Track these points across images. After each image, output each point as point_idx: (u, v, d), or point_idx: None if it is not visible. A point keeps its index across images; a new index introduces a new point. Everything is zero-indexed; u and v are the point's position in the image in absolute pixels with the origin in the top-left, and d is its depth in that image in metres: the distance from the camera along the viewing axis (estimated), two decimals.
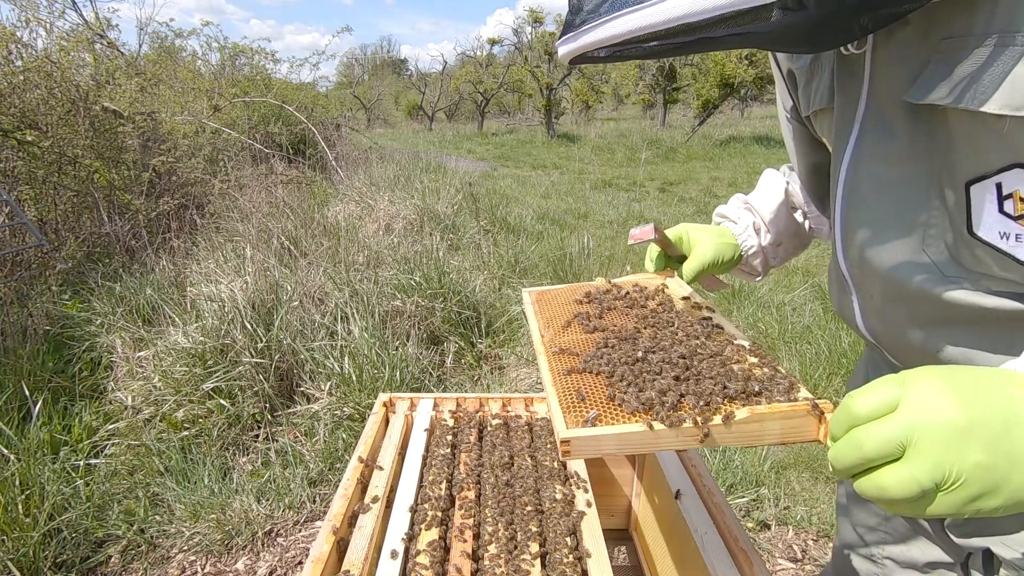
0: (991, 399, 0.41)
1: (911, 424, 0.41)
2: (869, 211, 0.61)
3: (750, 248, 0.91)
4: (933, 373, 0.43)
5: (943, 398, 0.41)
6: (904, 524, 0.75)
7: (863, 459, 0.43)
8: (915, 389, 0.43)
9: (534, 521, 0.79)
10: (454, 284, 3.39)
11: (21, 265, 3.69)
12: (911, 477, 0.41)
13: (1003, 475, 0.40)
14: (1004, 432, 0.40)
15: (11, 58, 4.11)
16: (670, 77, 17.11)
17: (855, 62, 0.60)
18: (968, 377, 0.43)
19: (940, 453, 0.40)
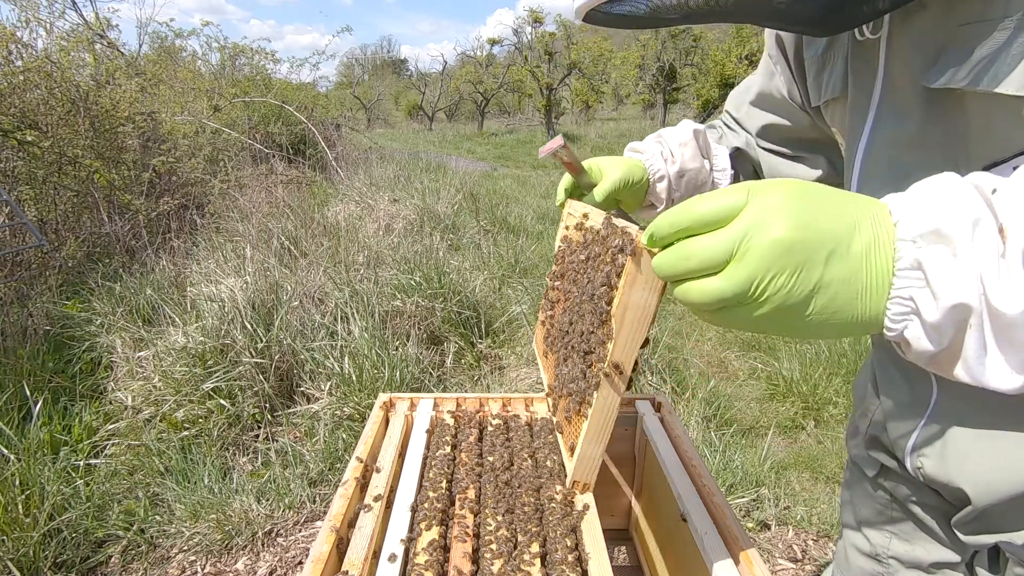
0: (829, 225, 0.40)
1: (742, 237, 0.40)
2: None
3: (657, 171, 0.93)
4: (781, 187, 0.42)
5: (779, 215, 0.40)
6: (909, 524, 0.75)
7: (688, 271, 0.43)
8: (757, 201, 0.41)
9: (534, 521, 0.79)
10: (454, 284, 3.39)
11: (21, 265, 3.69)
12: (718, 290, 0.41)
13: (803, 300, 0.40)
14: (823, 260, 0.39)
15: (11, 58, 4.11)
16: (670, 77, 17.11)
17: (870, 48, 0.60)
18: (817, 197, 0.42)
19: (756, 270, 0.40)
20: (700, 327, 3.85)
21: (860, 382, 0.84)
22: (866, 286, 0.40)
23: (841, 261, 0.40)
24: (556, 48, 17.74)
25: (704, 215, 0.42)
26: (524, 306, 3.45)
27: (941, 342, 0.38)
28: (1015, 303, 0.34)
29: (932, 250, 0.37)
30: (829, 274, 0.40)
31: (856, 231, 0.40)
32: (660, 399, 1.07)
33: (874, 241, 0.40)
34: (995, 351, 0.36)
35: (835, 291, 0.40)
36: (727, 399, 2.89)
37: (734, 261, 0.41)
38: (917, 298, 0.38)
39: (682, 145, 0.94)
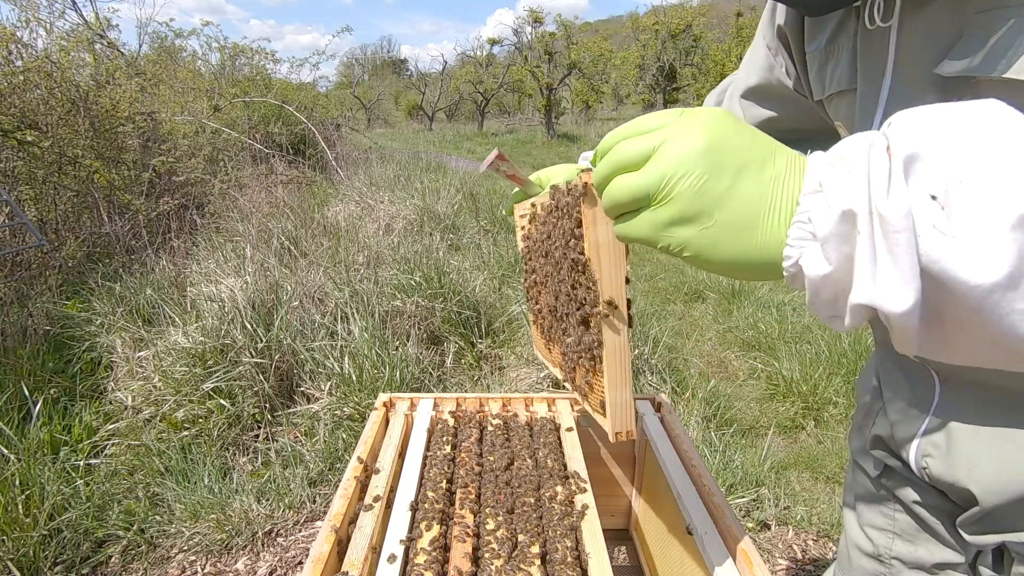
0: (745, 144, 0.42)
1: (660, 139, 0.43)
2: None
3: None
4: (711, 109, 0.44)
5: (701, 126, 0.42)
6: (912, 523, 0.75)
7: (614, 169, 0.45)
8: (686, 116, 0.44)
9: (534, 521, 0.79)
10: (454, 284, 3.39)
11: (21, 265, 3.69)
12: (633, 183, 0.43)
13: (708, 206, 0.41)
14: (734, 171, 0.41)
15: (11, 58, 4.11)
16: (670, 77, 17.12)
17: (879, 38, 0.59)
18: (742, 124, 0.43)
19: (667, 167, 0.41)
20: (700, 327, 3.85)
21: (862, 381, 0.84)
22: (772, 209, 0.41)
23: (752, 179, 0.41)
24: (556, 48, 17.75)
25: (640, 125, 0.45)
26: (524, 306, 3.45)
27: (832, 259, 0.38)
28: (897, 209, 0.34)
29: (833, 170, 0.39)
30: (737, 187, 0.41)
31: (772, 157, 0.42)
32: (660, 399, 1.07)
33: (787, 170, 0.41)
34: (885, 261, 0.36)
35: (740, 207, 0.41)
36: (727, 399, 2.90)
37: (652, 159, 0.43)
38: (815, 215, 0.39)
39: None
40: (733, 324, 3.80)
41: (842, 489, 0.94)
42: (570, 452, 0.94)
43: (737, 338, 3.66)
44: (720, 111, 0.44)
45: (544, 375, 2.87)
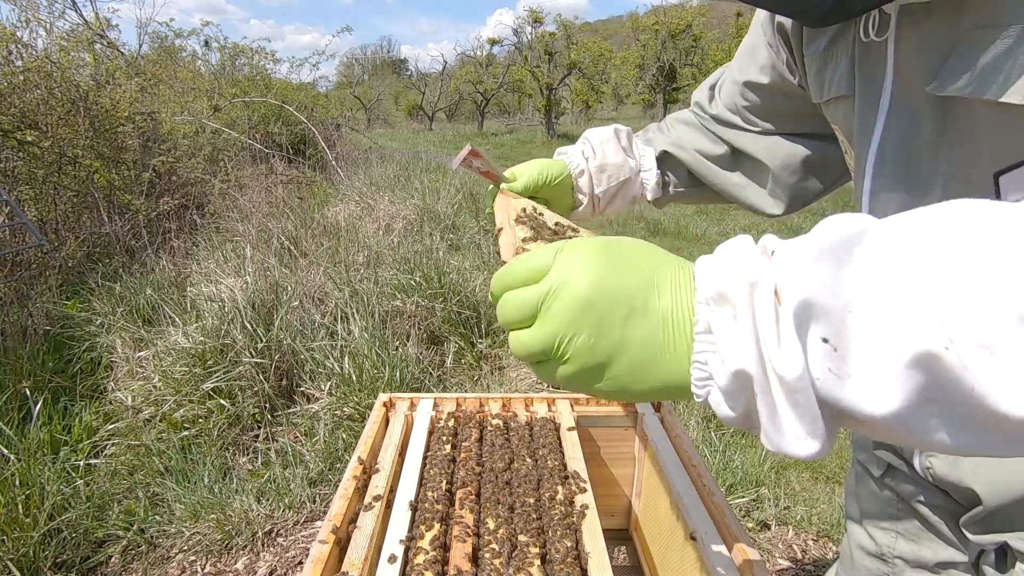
0: (627, 283, 0.40)
1: (544, 293, 0.42)
2: (896, 203, 0.60)
3: (576, 166, 0.94)
4: (585, 245, 0.43)
5: (580, 273, 0.41)
6: (915, 523, 0.75)
7: (507, 323, 0.44)
8: (561, 259, 0.43)
9: (534, 521, 0.79)
10: (454, 284, 3.39)
11: (21, 265, 3.69)
12: (527, 343, 0.42)
13: (606, 359, 0.40)
14: (621, 320, 0.40)
15: (11, 58, 4.11)
16: (670, 77, 17.13)
17: (877, 50, 0.59)
18: (619, 255, 0.42)
19: (557, 327, 0.41)
20: None
21: None
22: (668, 349, 0.39)
23: (640, 321, 0.40)
24: (556, 48, 17.76)
25: (520, 273, 0.44)
26: None
27: (736, 408, 0.37)
28: (792, 367, 0.33)
29: (719, 312, 0.37)
30: (628, 334, 0.40)
31: (655, 291, 0.40)
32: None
33: (674, 304, 0.40)
34: (787, 415, 0.34)
35: (636, 352, 0.40)
36: None
37: (539, 316, 0.42)
38: (710, 363, 0.37)
39: (603, 142, 0.95)
40: None
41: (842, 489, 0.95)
42: (570, 452, 0.94)
43: None
44: (598, 245, 0.43)
45: None
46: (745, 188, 0.94)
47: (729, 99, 0.91)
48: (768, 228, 6.21)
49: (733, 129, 0.91)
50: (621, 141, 0.96)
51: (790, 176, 0.89)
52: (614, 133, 0.96)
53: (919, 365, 0.31)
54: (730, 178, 0.93)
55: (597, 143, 0.96)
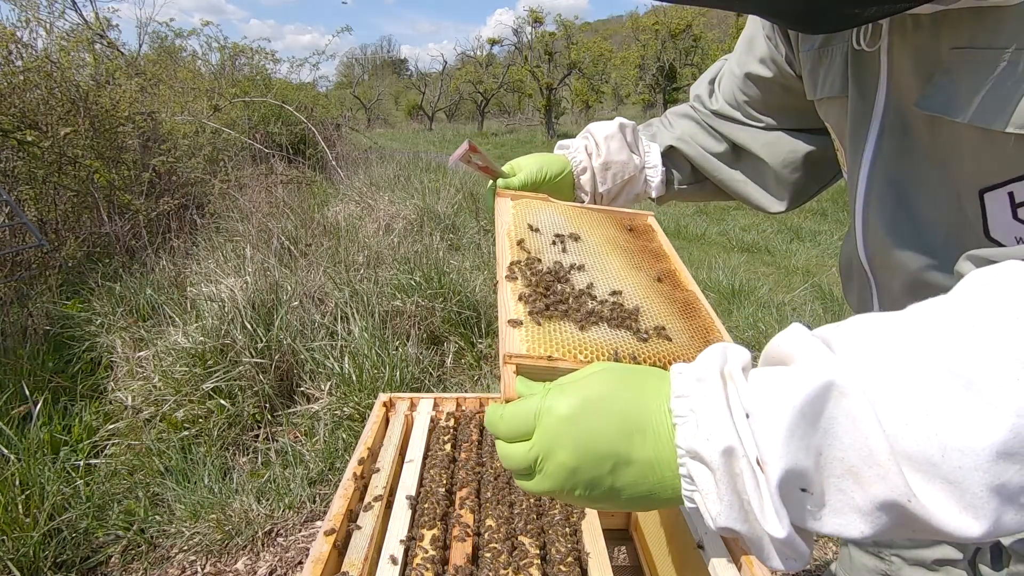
0: (606, 444, 0.44)
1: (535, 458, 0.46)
2: (890, 209, 0.61)
3: (579, 163, 0.92)
4: (566, 404, 0.46)
5: (561, 442, 0.45)
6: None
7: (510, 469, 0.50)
8: (544, 422, 0.46)
9: (534, 521, 0.79)
10: (454, 284, 3.39)
11: (21, 265, 3.69)
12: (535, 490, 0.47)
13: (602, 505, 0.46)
14: (608, 474, 0.44)
15: (11, 58, 4.11)
16: (670, 77, 17.12)
17: (870, 58, 0.59)
18: (596, 413, 0.45)
19: (554, 486, 0.46)
20: None
21: None
22: (660, 484, 0.43)
23: (626, 469, 0.43)
24: (556, 48, 17.76)
25: (509, 430, 0.49)
26: None
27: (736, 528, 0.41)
28: (778, 528, 0.37)
29: (699, 468, 0.40)
30: (619, 482, 0.44)
31: (634, 438, 0.43)
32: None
33: (656, 443, 0.43)
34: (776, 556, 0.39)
35: (631, 492, 0.44)
36: None
37: (537, 475, 0.47)
38: (699, 504, 0.41)
39: (607, 138, 0.93)
40: (733, 324, 3.80)
41: None
42: None
43: (737, 338, 3.64)
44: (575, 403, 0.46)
45: None
46: (747, 185, 0.92)
47: (729, 93, 0.89)
48: (768, 227, 6.21)
49: (734, 124, 0.90)
50: (627, 137, 0.94)
51: (791, 173, 0.88)
52: (619, 128, 0.94)
53: (885, 508, 0.36)
54: (733, 174, 0.92)
55: (601, 139, 0.93)
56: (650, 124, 1.02)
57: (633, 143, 0.94)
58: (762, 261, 5.36)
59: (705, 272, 4.70)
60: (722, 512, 0.39)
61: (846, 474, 0.36)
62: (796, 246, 5.76)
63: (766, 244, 5.81)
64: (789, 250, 5.61)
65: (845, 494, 0.37)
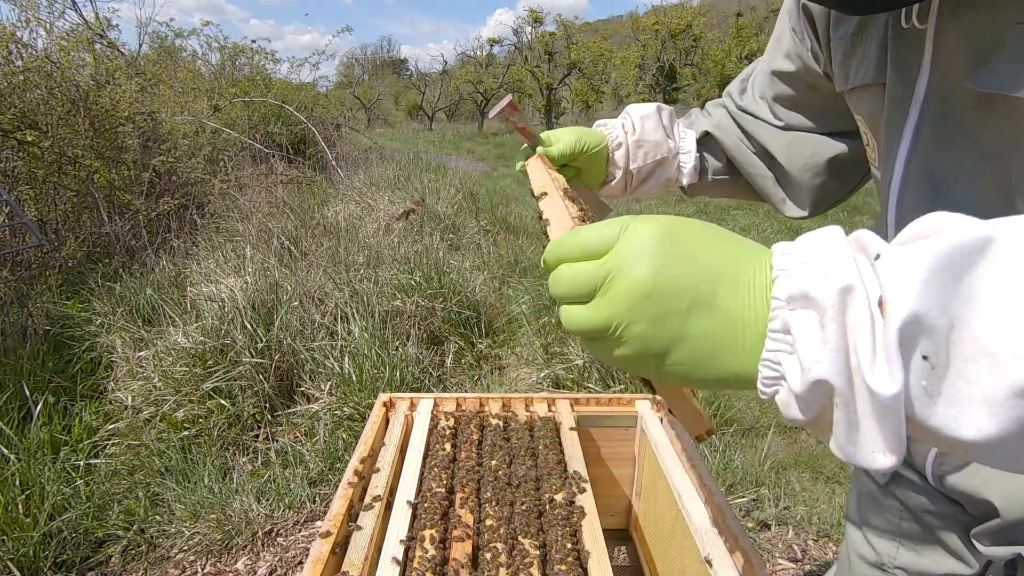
0: (694, 274, 0.38)
1: (605, 274, 0.40)
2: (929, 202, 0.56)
3: (615, 138, 0.92)
4: (657, 225, 0.40)
5: (647, 254, 0.39)
6: (919, 532, 0.73)
7: (561, 296, 0.42)
8: (627, 236, 0.40)
9: (534, 521, 0.79)
10: (454, 284, 3.39)
11: (21, 265, 3.69)
12: (583, 321, 0.41)
13: (663, 349, 0.38)
14: (683, 311, 0.38)
15: (11, 58, 4.11)
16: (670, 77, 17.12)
17: (913, 38, 0.55)
18: (688, 241, 0.40)
19: (614, 310, 0.39)
20: None
21: None
22: (734, 345, 0.37)
23: (704, 314, 0.38)
24: (556, 48, 17.76)
25: (583, 243, 0.42)
26: (524, 306, 3.45)
27: (809, 413, 0.35)
28: (889, 386, 0.30)
29: (801, 315, 0.34)
30: (690, 327, 0.38)
31: (725, 285, 0.38)
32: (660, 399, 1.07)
33: (749, 296, 0.37)
34: (869, 430, 0.32)
35: (697, 345, 0.38)
36: (727, 399, 2.89)
37: (599, 295, 0.40)
38: (784, 364, 0.35)
39: (644, 117, 0.92)
40: None
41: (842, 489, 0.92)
42: (570, 452, 0.94)
43: None
44: (667, 226, 0.40)
45: (544, 375, 2.87)
46: (774, 185, 0.90)
47: (761, 90, 0.88)
48: (768, 227, 6.21)
49: (758, 121, 0.88)
50: (663, 119, 0.93)
51: (813, 178, 0.85)
52: (656, 110, 0.93)
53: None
54: (764, 171, 0.90)
55: (637, 118, 0.92)
56: (689, 114, 1.00)
57: (668, 126, 0.93)
58: None
59: None
60: (823, 358, 0.32)
61: (979, 356, 0.30)
62: None
63: (766, 244, 5.79)
64: None
65: (971, 383, 0.30)
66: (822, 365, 0.32)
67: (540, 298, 3.45)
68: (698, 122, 0.96)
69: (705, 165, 0.95)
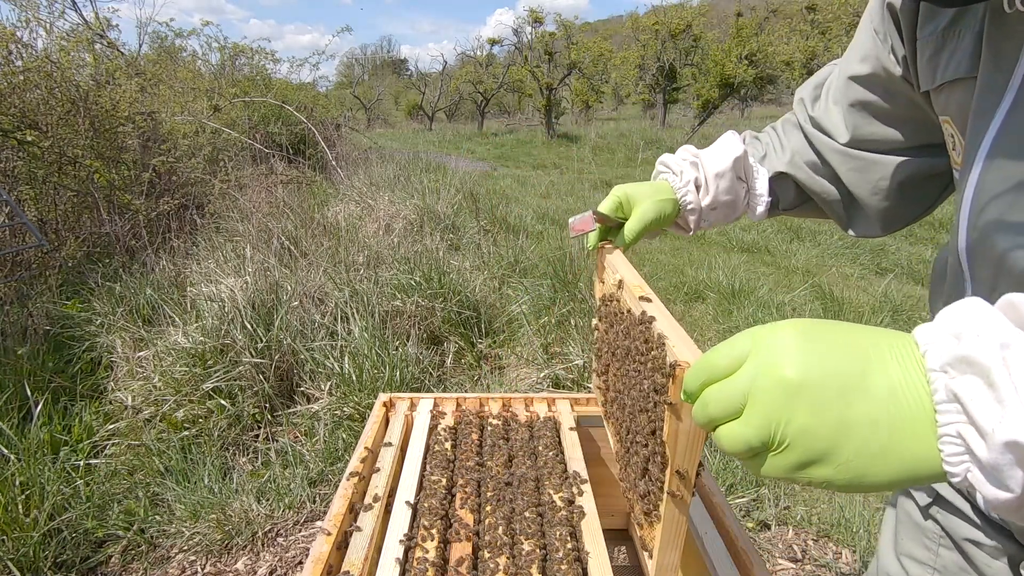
0: (839, 361, 0.38)
1: (750, 382, 0.40)
2: (1011, 203, 0.53)
3: (688, 204, 0.89)
4: (788, 327, 0.40)
5: (786, 355, 0.39)
6: (959, 562, 0.69)
7: (710, 419, 0.42)
8: (763, 343, 0.40)
9: (534, 521, 0.79)
10: (454, 284, 3.39)
11: (21, 265, 3.69)
12: (741, 435, 0.40)
13: (830, 443, 0.37)
14: (838, 397, 0.37)
15: (11, 58, 4.11)
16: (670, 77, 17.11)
17: (1016, 22, 0.52)
18: (825, 333, 0.39)
19: (769, 413, 0.38)
20: (700, 327, 3.85)
21: None
22: (903, 425, 0.36)
23: (860, 398, 0.37)
24: (556, 48, 17.75)
25: (719, 367, 0.42)
26: (524, 306, 3.45)
27: (1011, 487, 0.32)
28: None
29: (965, 380, 0.33)
30: (850, 413, 0.37)
31: (874, 364, 0.37)
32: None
33: (902, 376, 0.36)
34: None
35: (864, 433, 0.36)
36: None
37: (748, 405, 0.40)
38: (965, 435, 0.33)
39: (718, 176, 0.88)
40: (733, 324, 3.80)
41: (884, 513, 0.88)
42: (570, 452, 0.94)
43: None
44: (797, 325, 0.40)
45: (544, 375, 2.87)
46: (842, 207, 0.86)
47: (835, 96, 0.82)
48: (768, 226, 6.21)
49: (829, 140, 0.83)
50: (738, 171, 0.89)
51: (882, 201, 0.81)
52: (732, 165, 0.88)
53: None
54: (834, 193, 0.86)
55: (712, 176, 0.88)
56: (759, 138, 0.95)
57: (744, 175, 0.90)
58: (762, 261, 5.36)
59: (705, 272, 4.70)
60: (1004, 417, 0.31)
61: None
62: (796, 246, 5.75)
63: (766, 244, 5.81)
64: (789, 250, 5.60)
65: None
66: (1006, 426, 0.31)
67: (540, 298, 3.45)
68: (771, 156, 0.92)
69: (776, 199, 0.92)
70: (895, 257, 5.26)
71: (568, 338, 3.01)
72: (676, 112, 20.63)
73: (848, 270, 5.09)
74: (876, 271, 5.05)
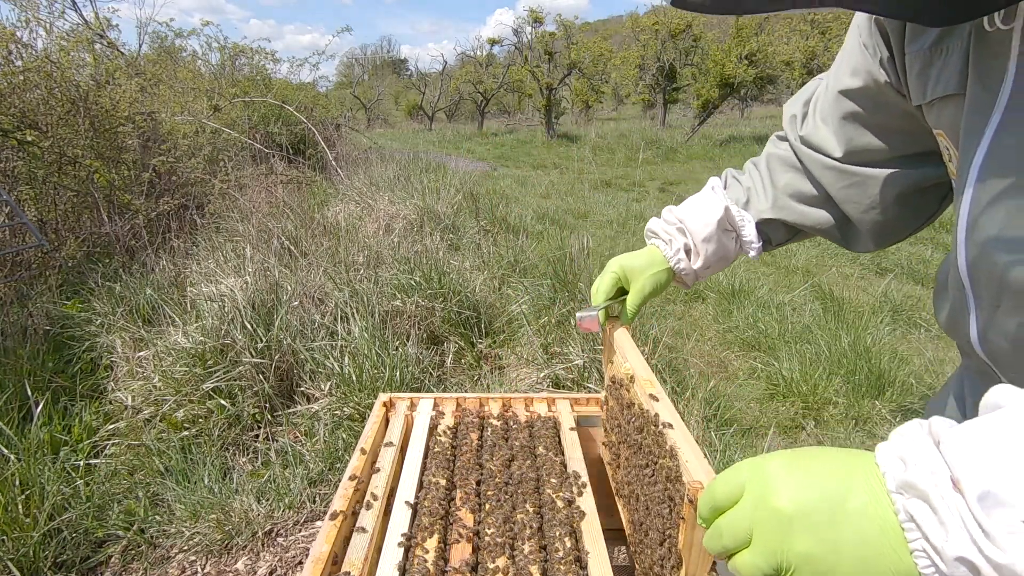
0: (823, 488, 0.42)
1: (752, 512, 0.44)
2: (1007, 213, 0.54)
3: (682, 270, 0.96)
4: (773, 460, 0.45)
5: (776, 486, 0.43)
6: None
7: (724, 548, 0.46)
8: (754, 477, 0.45)
9: (534, 521, 0.79)
10: (454, 284, 3.39)
11: (21, 265, 3.69)
12: (753, 564, 0.44)
13: (830, 564, 0.41)
14: (828, 521, 0.41)
15: (11, 58, 4.11)
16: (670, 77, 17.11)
17: (998, 40, 0.53)
18: (808, 462, 0.44)
19: (772, 544, 0.43)
20: (700, 327, 3.85)
21: (939, 401, 0.78)
22: (883, 540, 0.40)
23: (846, 520, 0.41)
24: (556, 48, 17.75)
25: (723, 498, 0.47)
26: (524, 306, 3.45)
27: None
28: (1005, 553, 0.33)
29: (913, 503, 0.38)
30: (841, 534, 0.41)
31: (850, 489, 0.41)
32: None
33: (872, 497, 0.41)
34: None
35: (856, 551, 0.40)
36: (727, 399, 2.90)
37: (754, 535, 0.44)
38: (927, 550, 0.37)
39: (706, 241, 0.93)
40: (733, 324, 3.80)
41: None
42: (570, 452, 0.94)
43: (737, 338, 3.66)
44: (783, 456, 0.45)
45: (544, 375, 2.87)
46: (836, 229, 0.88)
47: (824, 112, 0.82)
48: None
49: (820, 157, 0.83)
50: (724, 227, 0.93)
51: (877, 216, 0.81)
52: (717, 226, 0.92)
53: None
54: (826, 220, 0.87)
55: (700, 241, 0.93)
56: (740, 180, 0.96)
57: (730, 228, 0.93)
58: (762, 261, 5.36)
59: None
60: (948, 538, 0.35)
61: None
62: (796, 246, 5.75)
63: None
64: (789, 250, 5.60)
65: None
66: (952, 545, 0.35)
67: (540, 298, 3.45)
68: (755, 199, 0.93)
69: (768, 239, 0.95)
70: (895, 257, 5.25)
71: (568, 338, 3.01)
72: (676, 112, 20.62)
73: (848, 270, 5.09)
74: (876, 271, 5.05)
